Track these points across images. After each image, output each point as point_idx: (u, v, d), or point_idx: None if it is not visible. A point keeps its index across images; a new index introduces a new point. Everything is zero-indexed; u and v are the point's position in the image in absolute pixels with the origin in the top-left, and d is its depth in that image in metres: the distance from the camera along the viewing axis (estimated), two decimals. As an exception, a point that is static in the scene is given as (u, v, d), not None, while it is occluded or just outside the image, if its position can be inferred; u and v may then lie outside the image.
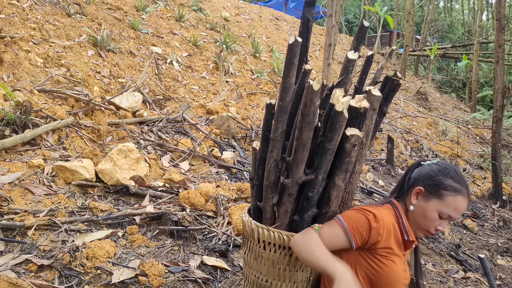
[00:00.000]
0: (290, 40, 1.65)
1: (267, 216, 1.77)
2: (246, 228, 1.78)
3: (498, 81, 6.41)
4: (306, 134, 1.59)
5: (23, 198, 3.03)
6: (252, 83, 8.33)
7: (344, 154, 1.63)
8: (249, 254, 1.79)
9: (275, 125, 1.71)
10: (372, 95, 1.66)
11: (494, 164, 6.34)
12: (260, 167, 1.81)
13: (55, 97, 4.68)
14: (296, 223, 1.71)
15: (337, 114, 1.55)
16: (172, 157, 4.50)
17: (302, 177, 1.64)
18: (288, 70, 1.68)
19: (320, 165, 1.63)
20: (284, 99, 1.69)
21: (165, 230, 3.03)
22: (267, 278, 1.74)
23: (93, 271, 2.45)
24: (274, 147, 1.72)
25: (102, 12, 7.25)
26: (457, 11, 32.30)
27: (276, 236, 1.66)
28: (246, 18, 12.55)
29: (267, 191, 1.75)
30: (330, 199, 1.68)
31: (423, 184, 1.65)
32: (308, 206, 1.68)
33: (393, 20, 17.65)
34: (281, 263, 1.69)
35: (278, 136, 1.70)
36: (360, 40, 1.88)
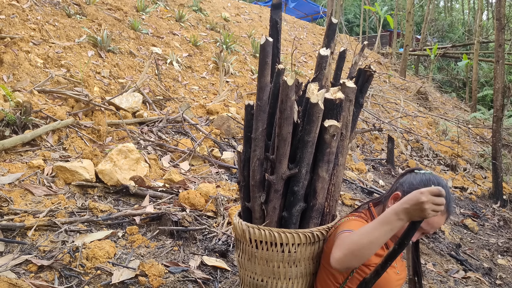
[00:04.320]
0: (261, 40, 1.71)
1: (257, 215, 1.79)
2: (237, 230, 1.80)
3: (498, 81, 6.41)
4: (286, 129, 1.62)
5: (23, 199, 3.03)
6: (252, 83, 8.33)
7: (324, 146, 1.66)
8: (242, 256, 1.81)
9: (256, 124, 1.74)
10: (346, 87, 1.70)
11: (495, 164, 6.34)
12: (245, 168, 1.84)
13: (55, 98, 4.69)
14: (285, 219, 1.73)
15: (312, 106, 1.60)
16: (172, 157, 4.50)
17: (286, 172, 1.67)
18: (262, 69, 1.74)
19: (302, 158, 1.66)
20: (261, 98, 1.74)
21: (165, 231, 3.03)
22: (262, 278, 1.75)
23: (93, 272, 2.45)
24: (256, 146, 1.74)
25: (102, 12, 7.25)
26: (457, 10, 32.30)
27: (267, 234, 1.68)
28: (246, 18, 12.55)
29: (254, 190, 1.77)
30: (316, 191, 1.71)
31: (402, 191, 1.64)
32: (295, 200, 1.70)
33: (393, 20, 17.65)
34: (274, 261, 1.70)
35: (259, 135, 1.73)
36: (330, 37, 1.93)
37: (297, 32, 14.43)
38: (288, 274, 1.73)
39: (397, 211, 1.33)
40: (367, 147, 7.81)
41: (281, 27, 1.84)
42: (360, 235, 1.39)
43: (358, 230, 1.43)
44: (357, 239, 1.39)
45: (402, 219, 1.33)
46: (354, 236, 1.42)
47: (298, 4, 21.52)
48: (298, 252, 1.69)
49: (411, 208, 1.31)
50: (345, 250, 1.40)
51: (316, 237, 1.72)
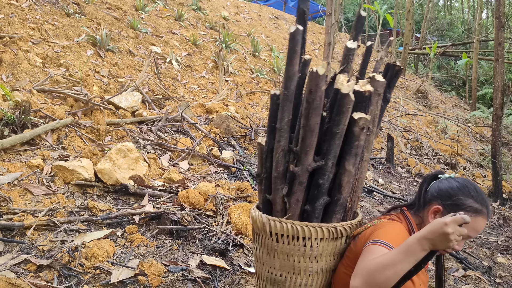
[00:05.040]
0: (291, 29, 1.64)
1: (278, 208, 1.74)
2: (256, 223, 1.74)
3: (498, 79, 6.40)
4: (314, 120, 1.58)
5: (22, 198, 3.03)
6: (251, 82, 8.32)
7: (353, 138, 1.61)
8: (260, 249, 1.75)
9: (281, 115, 1.69)
10: (376, 80, 1.65)
11: (494, 162, 6.34)
12: (267, 159, 1.78)
13: (54, 97, 4.68)
14: (308, 213, 1.68)
15: (343, 96, 1.55)
16: (172, 156, 4.50)
17: (312, 164, 1.62)
18: (291, 58, 1.67)
19: (329, 151, 1.61)
20: (288, 87, 1.68)
21: (164, 230, 3.03)
22: (281, 273, 1.71)
23: (92, 271, 2.45)
24: (281, 137, 1.70)
25: (101, 11, 7.24)
26: (457, 9, 32.28)
27: (289, 227, 1.63)
28: (246, 17, 12.54)
29: (276, 182, 1.72)
30: (341, 185, 1.66)
31: (442, 203, 1.60)
32: (319, 194, 1.65)
33: (393, 19, 17.63)
34: (295, 255, 1.66)
35: (284, 125, 1.69)
36: (358, 30, 1.87)
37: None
38: (308, 270, 1.69)
39: (421, 242, 1.30)
40: (367, 146, 7.79)
41: (307, 16, 1.80)
42: (383, 266, 1.33)
43: (381, 260, 1.35)
44: (381, 270, 1.33)
45: (426, 250, 1.30)
46: (377, 267, 1.34)
47: (297, 3, 21.47)
48: (320, 247, 1.65)
49: (436, 240, 1.28)
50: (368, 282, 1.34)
51: (339, 233, 1.67)
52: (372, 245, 1.49)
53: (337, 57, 13.64)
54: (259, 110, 7.17)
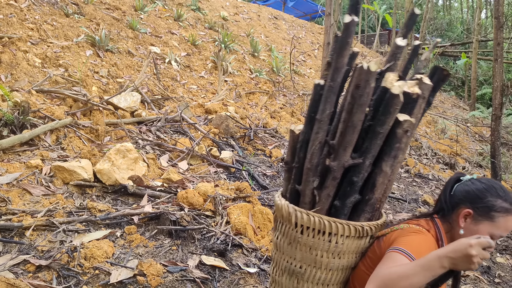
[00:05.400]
0: (346, 19, 1.60)
1: (306, 200, 1.72)
2: (282, 212, 1.72)
3: (497, 79, 6.40)
4: (358, 116, 1.54)
5: (21, 199, 3.03)
6: (251, 82, 8.32)
7: (394, 140, 1.59)
8: (282, 239, 1.73)
9: (323, 106, 1.66)
10: (423, 83, 1.61)
11: (493, 162, 6.34)
12: (302, 149, 1.75)
13: (53, 98, 4.68)
14: (337, 209, 1.66)
15: (393, 97, 1.52)
16: (171, 156, 4.50)
17: (349, 161, 1.60)
18: (342, 49, 1.64)
19: (369, 150, 1.59)
20: (335, 79, 1.65)
21: (164, 230, 3.03)
22: (301, 265, 1.69)
23: (91, 271, 2.45)
24: (320, 129, 1.67)
25: (100, 12, 7.24)
26: (456, 9, 32.30)
27: (316, 221, 1.61)
28: (245, 17, 12.54)
29: (308, 174, 1.69)
30: (375, 185, 1.64)
31: (472, 206, 1.58)
32: (351, 191, 1.63)
33: (392, 19, 17.65)
34: (318, 249, 1.64)
35: (325, 118, 1.66)
36: (409, 27, 1.82)
37: (296, 31, 14.43)
38: (330, 265, 1.67)
39: (441, 260, 1.28)
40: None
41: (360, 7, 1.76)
42: (400, 277, 1.32)
43: (398, 271, 1.35)
44: (397, 281, 1.31)
45: (445, 267, 1.28)
46: (393, 277, 1.33)
47: (297, 3, 21.49)
48: (345, 244, 1.63)
49: (458, 259, 1.26)
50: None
51: (366, 232, 1.65)
52: (394, 252, 1.47)
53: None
54: (258, 110, 7.17)
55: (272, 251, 1.88)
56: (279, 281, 1.78)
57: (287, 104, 8.24)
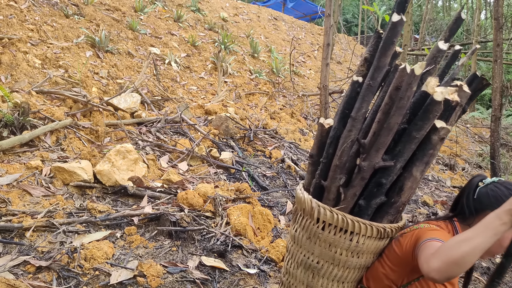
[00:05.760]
0: (393, 18, 1.58)
1: (330, 196, 1.70)
2: (304, 205, 1.70)
3: (497, 80, 6.41)
4: (395, 119, 1.52)
5: (21, 200, 3.03)
6: (250, 83, 8.33)
7: (428, 146, 1.57)
8: (301, 232, 1.72)
9: (359, 104, 1.64)
10: (462, 90, 1.58)
11: (493, 163, 6.34)
12: (331, 145, 1.73)
13: (53, 98, 4.68)
14: (361, 208, 1.65)
15: (434, 103, 1.50)
16: (171, 157, 4.50)
17: (380, 162, 1.58)
18: (386, 49, 1.61)
19: (402, 153, 1.57)
20: (375, 78, 1.63)
21: (163, 231, 3.03)
22: (319, 260, 1.68)
23: (91, 272, 2.45)
24: (353, 127, 1.65)
25: (100, 13, 7.24)
26: (456, 10, 32.31)
27: (340, 218, 1.60)
28: (245, 18, 12.54)
29: (336, 171, 1.67)
30: (402, 189, 1.62)
31: None
32: (378, 192, 1.62)
33: (392, 20, 17.63)
34: (338, 247, 1.63)
35: (360, 116, 1.64)
36: (453, 31, 1.79)
37: (296, 32, 14.44)
38: (347, 263, 1.66)
39: (499, 215, 1.27)
40: (366, 147, 7.80)
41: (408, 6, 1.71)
42: (459, 242, 1.30)
43: (455, 238, 1.33)
44: (457, 246, 1.29)
45: (506, 223, 1.26)
46: (452, 244, 1.31)
47: (296, 4, 21.51)
48: (366, 244, 1.63)
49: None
50: (445, 258, 1.29)
51: (387, 234, 1.65)
52: (427, 242, 1.46)
53: (335, 58, 13.66)
54: (258, 111, 7.17)
55: (288, 242, 1.86)
56: (293, 273, 1.77)
57: (287, 105, 8.25)
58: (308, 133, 7.05)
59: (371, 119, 1.63)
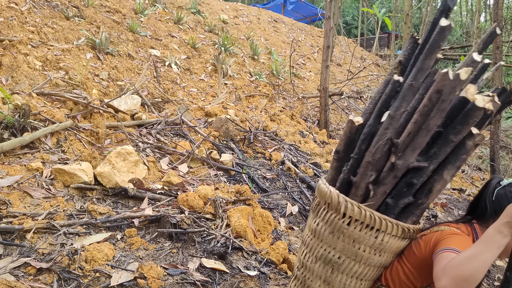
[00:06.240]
0: (442, 22, 1.60)
1: (359, 192, 1.70)
2: (328, 199, 1.69)
3: (496, 82, 6.42)
4: (435, 121, 1.55)
5: (21, 201, 3.03)
6: (250, 85, 8.34)
7: (462, 150, 1.59)
8: (324, 226, 1.70)
9: (399, 103, 1.65)
10: (494, 101, 1.60)
11: (493, 166, 6.35)
12: (364, 142, 1.73)
13: (54, 100, 4.69)
14: (388, 207, 1.65)
15: (475, 109, 1.52)
16: (171, 159, 4.50)
17: (414, 163, 1.59)
18: (432, 51, 1.64)
19: (436, 155, 1.59)
20: (417, 79, 1.65)
21: (164, 233, 3.04)
22: (340, 255, 1.67)
23: (92, 274, 2.45)
24: (390, 125, 1.66)
25: (101, 15, 7.26)
26: (455, 12, 32.36)
27: (367, 215, 1.59)
28: (245, 20, 12.57)
29: (367, 167, 1.68)
30: (431, 191, 1.64)
31: None
32: (407, 192, 1.63)
33: (391, 22, 17.70)
34: (362, 243, 1.62)
35: (398, 115, 1.65)
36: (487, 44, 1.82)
37: (296, 34, 14.46)
38: (369, 261, 1.66)
39: (499, 229, 1.31)
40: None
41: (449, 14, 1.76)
42: (466, 259, 1.32)
43: (462, 255, 1.35)
44: (465, 264, 1.31)
45: (506, 235, 1.30)
46: (459, 261, 1.33)
47: (296, 6, 21.55)
48: (389, 243, 1.63)
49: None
50: (454, 276, 1.32)
51: (410, 234, 1.66)
52: (443, 253, 1.48)
53: (335, 60, 13.67)
54: (258, 113, 7.18)
55: (306, 235, 1.83)
56: (311, 267, 1.75)
57: (287, 107, 8.26)
58: (308, 135, 7.05)
59: (405, 119, 1.64)
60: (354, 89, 10.52)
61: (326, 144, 6.91)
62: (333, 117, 8.89)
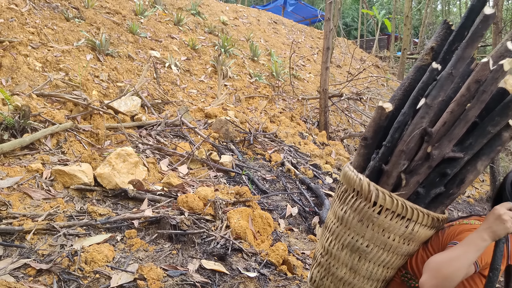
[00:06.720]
0: (487, 10, 1.57)
1: (390, 181, 1.67)
2: (359, 188, 1.65)
3: (495, 84, 6.43)
4: (474, 112, 1.53)
5: (21, 203, 3.03)
6: (250, 86, 8.35)
7: (498, 142, 1.58)
8: (352, 214, 1.66)
9: (437, 92, 1.62)
10: None
11: (492, 167, 6.36)
12: (398, 130, 1.69)
13: (54, 101, 4.69)
14: (419, 196, 1.63)
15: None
16: (171, 161, 4.51)
17: (450, 153, 1.57)
18: (474, 40, 1.61)
19: (472, 146, 1.58)
20: (457, 68, 1.61)
21: (164, 234, 3.04)
22: (368, 244, 1.64)
23: (92, 275, 2.45)
24: (427, 114, 1.62)
25: (101, 16, 7.27)
26: (455, 14, 32.42)
27: (399, 204, 1.57)
28: (245, 21, 12.58)
29: (400, 156, 1.64)
30: (463, 182, 1.62)
31: None
32: (439, 182, 1.61)
33: (391, 24, 17.72)
34: (392, 232, 1.60)
35: (435, 104, 1.62)
36: None
37: (295, 35, 14.47)
38: (397, 250, 1.64)
39: (480, 233, 1.41)
40: (365, 150, 7.81)
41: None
42: (448, 259, 1.42)
43: (446, 254, 1.45)
44: (447, 263, 1.41)
45: (486, 240, 1.39)
46: (443, 260, 1.43)
47: (296, 8, 21.58)
48: (419, 232, 1.61)
49: (493, 226, 1.39)
50: (435, 274, 1.41)
51: (439, 224, 1.65)
52: (450, 246, 1.52)
53: (335, 62, 13.69)
54: (257, 114, 7.19)
55: (331, 221, 1.80)
56: (336, 254, 1.73)
57: (287, 109, 8.26)
58: (307, 136, 7.06)
59: (438, 109, 1.62)
60: (354, 91, 10.53)
61: (326, 146, 6.91)
62: (333, 118, 8.90)
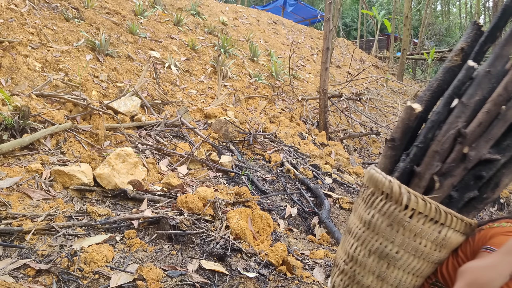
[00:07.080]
0: None
1: (422, 184, 1.60)
2: (389, 190, 1.57)
3: (495, 85, 6.43)
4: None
5: (21, 203, 3.03)
6: (250, 87, 8.35)
7: None
8: (380, 218, 1.57)
9: (473, 91, 1.57)
10: None
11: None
12: (431, 130, 1.64)
13: (53, 102, 4.69)
14: (452, 200, 1.56)
15: None
16: (170, 161, 4.51)
17: (487, 155, 1.52)
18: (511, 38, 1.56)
19: (510, 148, 1.52)
20: (495, 66, 1.57)
21: (163, 235, 3.04)
22: (398, 250, 1.54)
23: (91, 276, 2.45)
24: (463, 113, 1.57)
25: (100, 16, 7.27)
26: (455, 14, 32.47)
27: (433, 208, 1.48)
28: (244, 22, 12.58)
29: (434, 157, 1.58)
30: (498, 185, 1.56)
31: None
32: (474, 186, 1.55)
33: (391, 24, 17.73)
34: (424, 238, 1.51)
35: (472, 103, 1.56)
36: None
37: (295, 36, 14.48)
38: (428, 256, 1.54)
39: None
40: (365, 151, 7.84)
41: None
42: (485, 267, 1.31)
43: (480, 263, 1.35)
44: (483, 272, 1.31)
45: None
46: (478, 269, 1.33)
47: (296, 8, 21.60)
48: (452, 238, 1.53)
49: None
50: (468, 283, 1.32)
51: (471, 230, 1.56)
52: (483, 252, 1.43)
53: (335, 62, 13.70)
54: (257, 115, 7.19)
55: (355, 226, 1.71)
56: (363, 261, 1.63)
57: (286, 109, 8.26)
58: (307, 137, 7.06)
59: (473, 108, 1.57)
60: (353, 91, 10.54)
61: (326, 146, 6.91)
62: (333, 119, 8.90)
